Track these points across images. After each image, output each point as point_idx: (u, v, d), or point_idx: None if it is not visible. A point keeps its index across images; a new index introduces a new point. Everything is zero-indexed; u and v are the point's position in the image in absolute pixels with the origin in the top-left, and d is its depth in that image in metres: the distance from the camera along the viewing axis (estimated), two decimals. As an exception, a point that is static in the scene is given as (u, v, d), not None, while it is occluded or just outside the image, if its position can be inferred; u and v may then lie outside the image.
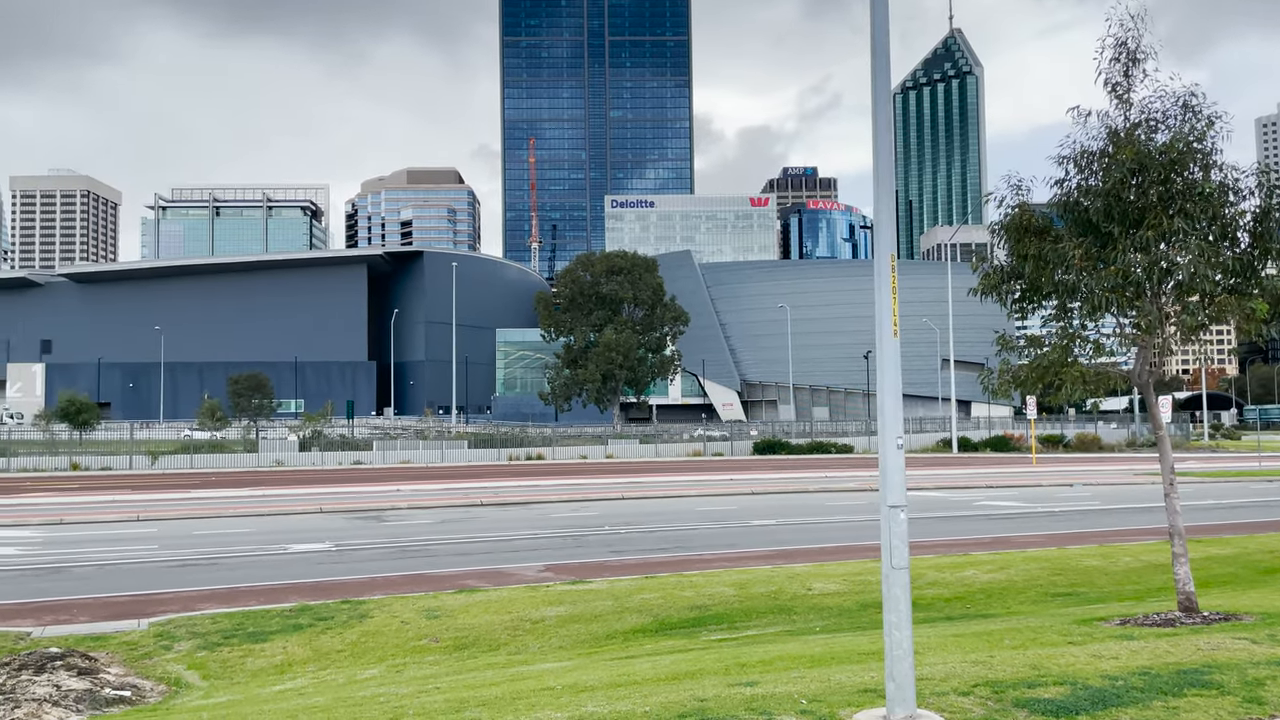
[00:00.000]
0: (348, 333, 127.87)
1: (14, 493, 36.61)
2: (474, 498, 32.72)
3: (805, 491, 35.41)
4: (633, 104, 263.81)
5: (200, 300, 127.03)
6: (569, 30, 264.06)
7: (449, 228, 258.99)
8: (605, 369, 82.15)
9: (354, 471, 50.67)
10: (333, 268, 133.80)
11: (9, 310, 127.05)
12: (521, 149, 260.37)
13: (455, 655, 11.49)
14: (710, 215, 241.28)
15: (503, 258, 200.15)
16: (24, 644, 12.07)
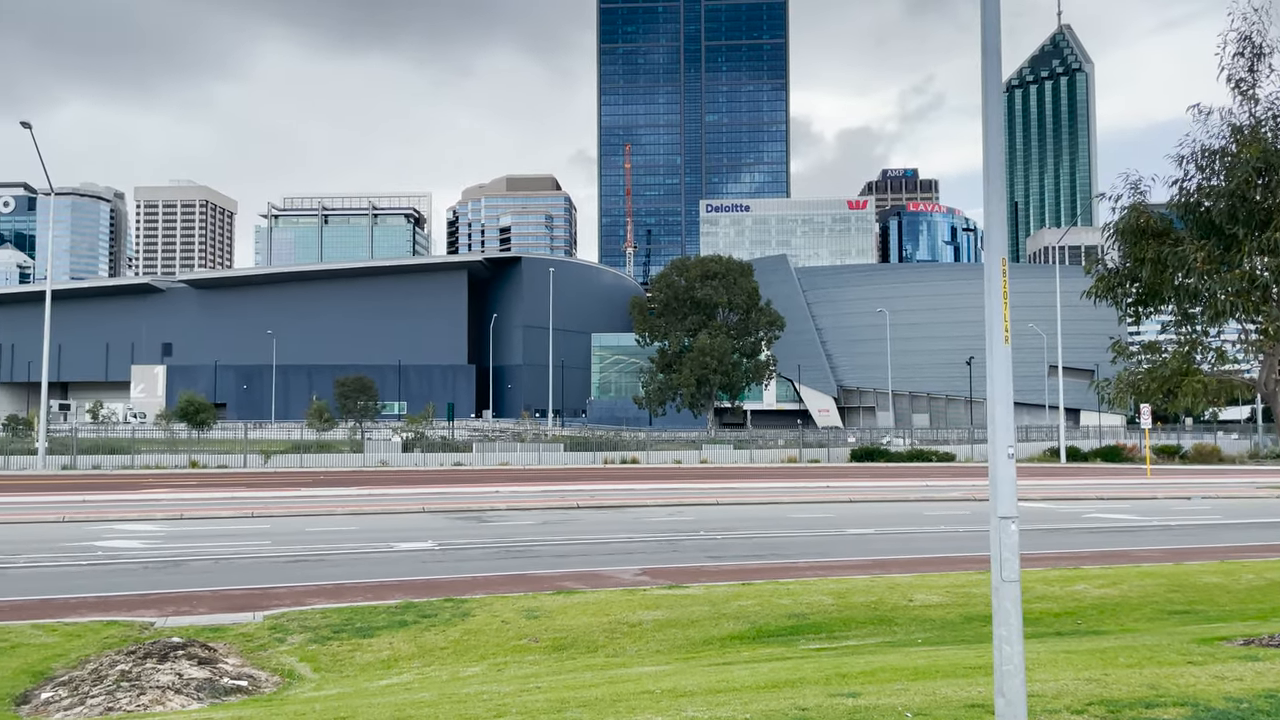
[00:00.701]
0: (448, 337, 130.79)
1: (138, 488, 38.56)
2: (571, 500, 33.06)
3: (905, 500, 34.70)
4: (728, 108, 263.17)
5: (310, 305, 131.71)
6: (666, 36, 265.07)
7: (546, 234, 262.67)
8: (699, 374, 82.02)
9: (454, 473, 51.78)
10: (435, 273, 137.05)
11: (133, 315, 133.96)
12: (618, 155, 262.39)
13: (554, 656, 11.63)
14: (807, 219, 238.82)
15: (598, 263, 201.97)
16: (148, 633, 12.70)
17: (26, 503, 31.37)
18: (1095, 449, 69.25)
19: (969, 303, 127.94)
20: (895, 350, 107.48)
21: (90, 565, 19.27)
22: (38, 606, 14.86)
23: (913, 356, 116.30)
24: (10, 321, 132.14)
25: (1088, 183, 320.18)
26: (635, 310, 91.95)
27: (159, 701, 9.19)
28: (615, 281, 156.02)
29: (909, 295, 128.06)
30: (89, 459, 53.20)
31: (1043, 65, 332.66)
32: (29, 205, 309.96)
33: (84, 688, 9.94)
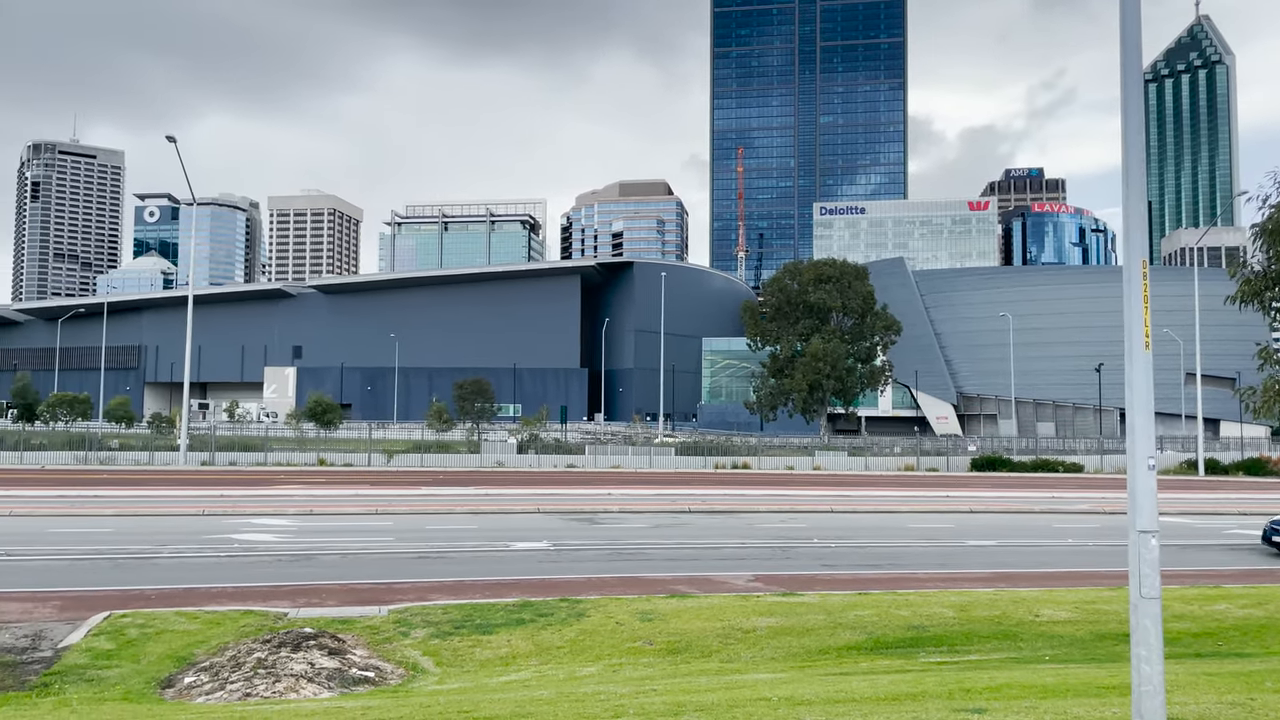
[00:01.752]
0: (562, 341, 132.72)
1: (271, 485, 40.42)
2: (682, 504, 33.08)
3: (1030, 512, 33.46)
4: (844, 109, 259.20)
5: (430, 309, 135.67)
6: (780, 38, 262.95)
7: (658, 238, 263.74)
8: (812, 379, 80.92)
9: (567, 474, 52.47)
10: (549, 278, 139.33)
11: (267, 319, 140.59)
12: (730, 159, 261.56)
13: (668, 659, 11.66)
14: (925, 220, 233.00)
15: (710, 267, 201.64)
16: (282, 623, 13.30)
17: (170, 496, 33.25)
18: (1236, 461, 65.30)
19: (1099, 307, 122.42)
20: (1019, 356, 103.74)
21: (228, 557, 20.31)
22: (182, 595, 15.75)
23: (1037, 363, 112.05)
24: (155, 325, 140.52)
25: (1228, 181, 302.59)
26: (747, 314, 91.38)
27: (293, 689, 9.61)
28: (726, 285, 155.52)
29: (1034, 299, 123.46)
30: (226, 456, 56.03)
31: (1179, 58, 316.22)
32: (172, 215, 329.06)
33: (223, 673, 10.48)
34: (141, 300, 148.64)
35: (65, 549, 20.71)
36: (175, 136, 52.12)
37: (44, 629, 13.30)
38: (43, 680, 10.67)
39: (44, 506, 28.80)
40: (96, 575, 17.69)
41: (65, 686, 10.34)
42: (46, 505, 29.15)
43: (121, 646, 11.93)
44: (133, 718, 7.91)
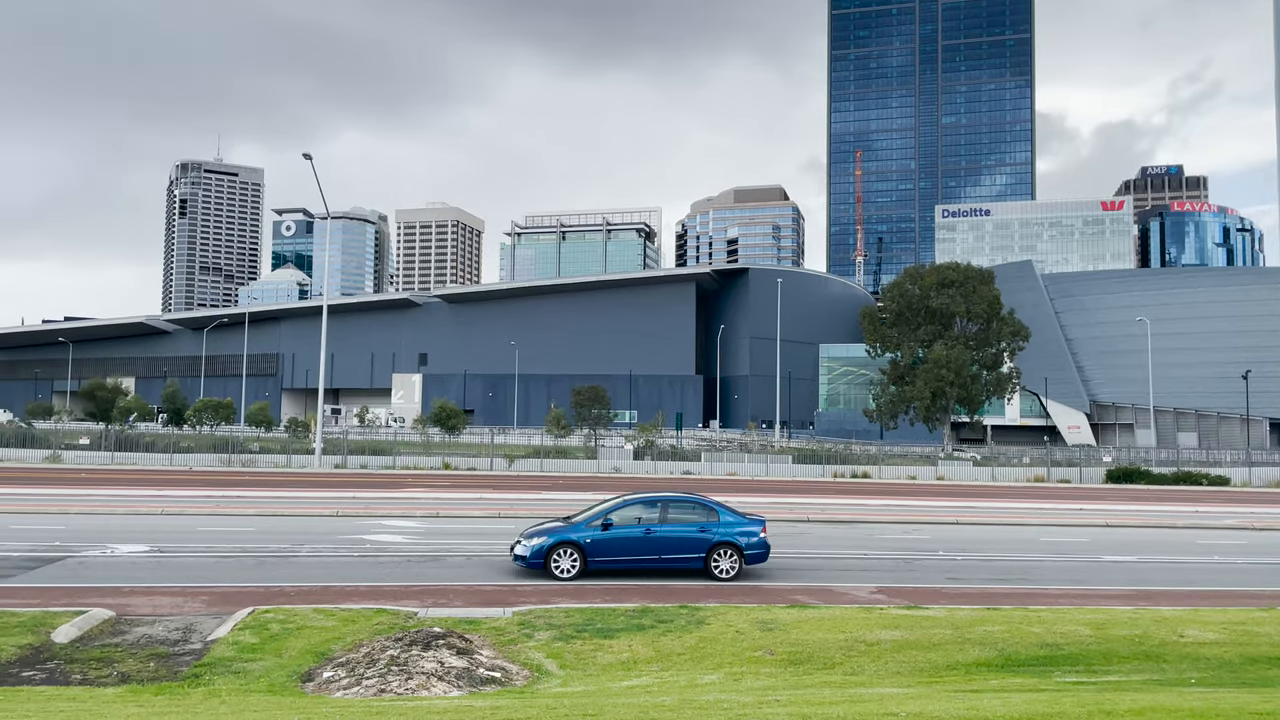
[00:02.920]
0: (677, 348, 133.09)
1: (399, 488, 41.85)
2: (800, 513, 32.69)
3: (1171, 527, 31.75)
4: (967, 109, 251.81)
5: (548, 317, 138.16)
6: (900, 39, 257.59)
7: (773, 244, 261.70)
8: (935, 386, 78.83)
9: (683, 481, 52.53)
10: (664, 286, 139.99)
11: (395, 327, 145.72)
12: (848, 162, 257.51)
13: (790, 669, 11.55)
14: (1054, 222, 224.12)
15: (827, 272, 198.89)
16: (412, 622, 13.77)
17: (307, 498, 34.80)
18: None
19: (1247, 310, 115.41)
20: (1157, 363, 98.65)
21: (361, 557, 21.13)
22: (319, 592, 16.48)
23: (1177, 370, 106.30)
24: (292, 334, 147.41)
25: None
26: (866, 320, 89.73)
27: (424, 687, 9.94)
28: (844, 291, 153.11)
29: (1173, 303, 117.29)
30: (357, 459, 58.33)
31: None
32: (307, 229, 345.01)
33: (359, 669, 10.92)
34: (279, 310, 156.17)
35: (212, 547, 21.93)
36: (311, 154, 54.64)
37: (193, 622, 14.13)
38: (193, 671, 11.33)
39: (192, 506, 30.56)
40: (240, 572, 18.67)
41: (214, 678, 10.95)
42: (194, 505, 30.92)
43: (264, 641, 12.56)
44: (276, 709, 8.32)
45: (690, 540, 18.71)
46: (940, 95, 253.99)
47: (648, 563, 18.53)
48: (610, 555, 18.37)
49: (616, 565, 18.38)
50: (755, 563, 19.12)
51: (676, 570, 18.70)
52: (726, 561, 18.63)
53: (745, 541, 18.81)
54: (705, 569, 18.61)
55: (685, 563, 18.63)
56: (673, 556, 18.57)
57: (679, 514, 19.13)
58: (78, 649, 12.36)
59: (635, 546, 18.49)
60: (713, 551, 18.64)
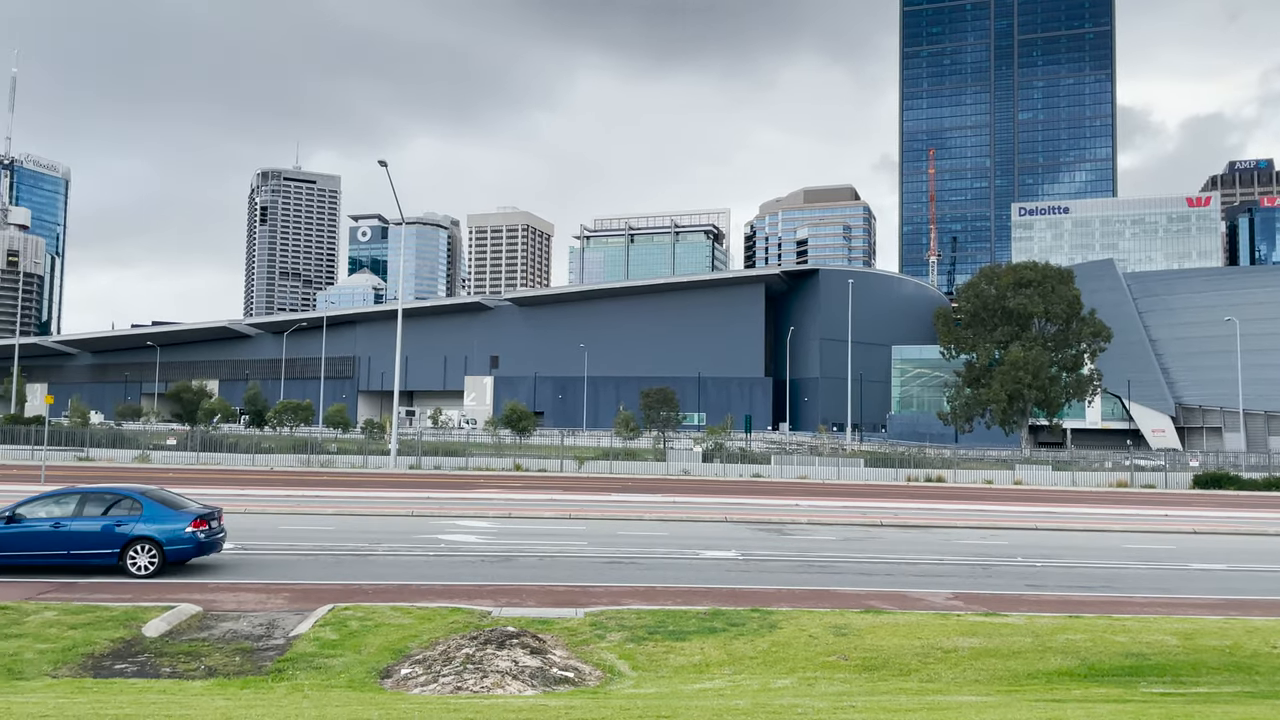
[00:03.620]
0: (746, 350, 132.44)
1: (471, 488, 42.43)
2: (873, 517, 32.27)
3: (1264, 534, 30.53)
4: (1045, 105, 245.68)
5: (617, 320, 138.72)
6: (974, 35, 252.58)
7: (844, 245, 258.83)
8: (1011, 389, 77.03)
9: (753, 484, 52.28)
10: (732, 288, 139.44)
11: (467, 330, 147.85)
12: (921, 161, 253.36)
13: (864, 675, 11.41)
14: (1137, 219, 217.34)
15: (899, 273, 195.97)
16: (486, 621, 13.95)
17: (383, 498, 35.52)
18: None
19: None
20: (1247, 364, 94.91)
21: (436, 556, 21.49)
22: (396, 591, 16.80)
23: (1269, 370, 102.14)
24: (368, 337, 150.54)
25: None
26: (940, 321, 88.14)
27: (499, 685, 10.06)
28: (917, 292, 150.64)
29: (1265, 301, 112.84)
30: (431, 460, 59.32)
31: None
32: (382, 234, 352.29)
33: (435, 667, 11.10)
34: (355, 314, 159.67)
35: (293, 545, 22.52)
36: (386, 161, 55.73)
37: (276, 618, 14.52)
38: (277, 666, 11.64)
39: (273, 505, 31.41)
40: (320, 570, 19.13)
41: (296, 673, 11.24)
42: (275, 504, 31.78)
43: (344, 638, 12.85)
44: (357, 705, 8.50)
45: (101, 535, 18.16)
46: (1016, 91, 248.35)
47: (56, 559, 18.05)
48: (13, 550, 17.97)
49: (21, 561, 18.05)
50: (182, 559, 18.48)
51: (88, 567, 18.22)
52: (144, 558, 18.08)
53: (167, 536, 18.14)
54: (120, 565, 18.09)
55: (96, 559, 18.11)
56: (81, 552, 18.08)
57: (94, 509, 18.57)
58: (167, 643, 12.80)
59: (42, 542, 18.03)
60: (129, 547, 18.12)
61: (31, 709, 7.56)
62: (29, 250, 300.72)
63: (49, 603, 14.77)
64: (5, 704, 8.10)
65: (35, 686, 10.20)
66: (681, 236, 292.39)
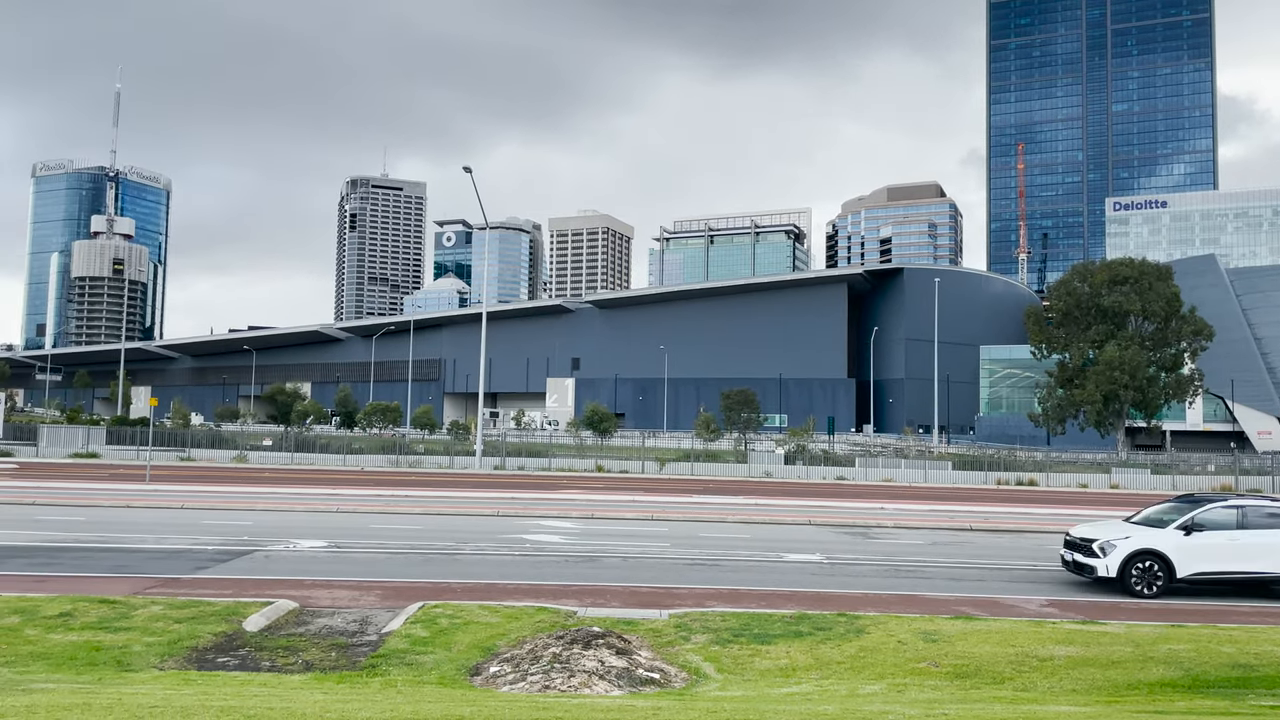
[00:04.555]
0: (828, 350, 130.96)
1: (554, 489, 42.86)
2: (962, 521, 31.57)
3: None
4: (1140, 95, 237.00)
5: (697, 321, 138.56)
6: (1064, 25, 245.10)
7: (929, 243, 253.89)
8: (1107, 389, 74.48)
9: (837, 487, 51.65)
10: (814, 288, 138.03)
11: (549, 333, 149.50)
12: (1009, 155, 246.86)
13: (956, 683, 11.17)
14: (1240, 212, 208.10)
15: (987, 271, 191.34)
16: (572, 621, 14.08)
17: (469, 498, 36.13)
18: None
19: None
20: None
21: (521, 555, 21.77)
22: (483, 589, 17.08)
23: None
24: (453, 340, 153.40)
25: None
26: (1030, 320, 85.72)
27: (586, 685, 10.14)
28: (1006, 290, 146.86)
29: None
30: (515, 461, 60.13)
31: None
32: (466, 239, 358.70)
33: (523, 665, 11.25)
34: (441, 318, 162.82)
35: (384, 544, 23.08)
36: (471, 167, 56.70)
37: (369, 615, 14.90)
38: (370, 662, 11.95)
39: (364, 505, 32.22)
40: (410, 568, 19.56)
41: (389, 668, 11.51)
42: (365, 504, 32.59)
43: (434, 635, 13.11)
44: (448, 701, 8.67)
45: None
46: (1110, 82, 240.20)
47: None
48: None
49: None
50: None
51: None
52: None
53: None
54: None
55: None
56: None
57: None
58: (266, 637, 13.24)
59: None
60: None
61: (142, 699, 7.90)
62: (133, 259, 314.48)
63: (155, 597, 15.41)
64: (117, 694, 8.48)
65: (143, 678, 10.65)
66: (762, 237, 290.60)
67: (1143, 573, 18.07)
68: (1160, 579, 18.05)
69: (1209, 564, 18.07)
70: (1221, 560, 18.06)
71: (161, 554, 20.79)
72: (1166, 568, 18.05)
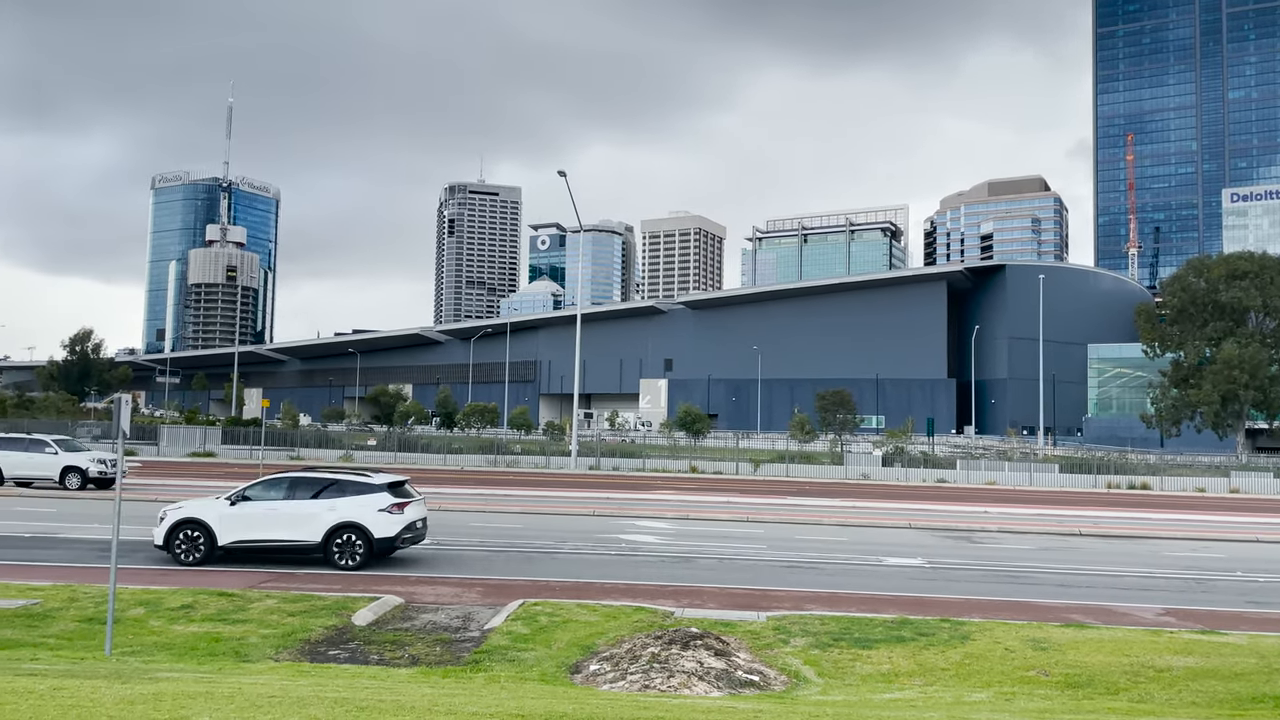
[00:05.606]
0: (926, 350, 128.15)
1: (648, 489, 43.01)
2: (1070, 526, 30.51)
3: None
4: (1259, 81, 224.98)
5: (790, 321, 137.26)
6: (1176, 10, 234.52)
7: (1032, 239, 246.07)
8: (1225, 389, 71.02)
9: (937, 490, 50.49)
10: (911, 286, 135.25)
11: (641, 334, 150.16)
12: (1118, 147, 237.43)
13: (1068, 692, 10.81)
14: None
15: (1095, 266, 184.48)
16: (669, 622, 14.12)
17: (565, 497, 36.55)
18: None
19: None
20: None
21: (617, 555, 21.93)
22: (581, 588, 17.27)
23: None
24: (548, 342, 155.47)
25: None
26: (1142, 318, 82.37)
27: (685, 685, 10.16)
28: (1115, 286, 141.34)
29: None
30: (609, 461, 60.55)
31: None
32: (560, 242, 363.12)
33: (623, 664, 11.33)
34: (536, 320, 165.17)
35: (483, 541, 23.54)
36: (565, 170, 57.34)
37: (471, 612, 15.22)
38: (474, 657, 12.20)
39: (464, 503, 32.91)
40: (509, 566, 19.90)
41: (492, 664, 11.74)
42: (465, 502, 33.28)
43: (535, 632, 13.32)
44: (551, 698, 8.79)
45: None
46: (1226, 69, 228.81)
47: None
48: None
49: None
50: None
51: None
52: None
53: None
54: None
55: None
56: None
57: None
58: (374, 632, 13.65)
59: None
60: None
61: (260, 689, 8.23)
62: (245, 266, 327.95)
63: (269, 591, 16.04)
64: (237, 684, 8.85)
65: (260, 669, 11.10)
66: (857, 235, 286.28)
67: None
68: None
69: None
70: None
71: (274, 549, 21.60)
72: None
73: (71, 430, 64.78)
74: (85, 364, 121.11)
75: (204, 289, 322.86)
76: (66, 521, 25.89)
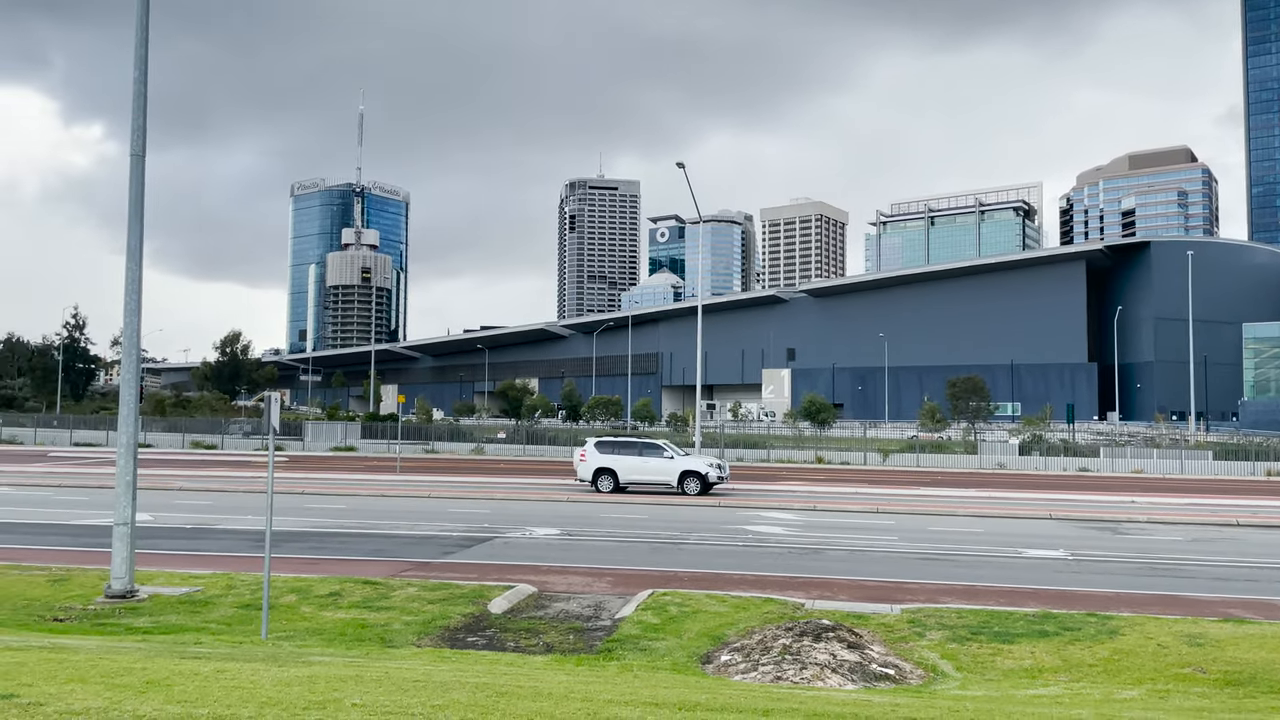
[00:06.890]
0: (1064, 333, 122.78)
1: (774, 480, 42.70)
2: (1227, 516, 28.76)
3: None
4: None
5: (918, 307, 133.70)
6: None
7: (1179, 213, 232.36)
8: (1404, 368, 65.49)
9: (1079, 479, 48.35)
10: (1046, 267, 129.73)
11: (763, 324, 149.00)
12: (1271, 113, 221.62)
13: (1226, 691, 10.20)
14: None
15: (1249, 240, 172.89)
16: (800, 613, 13.99)
17: (690, 488, 36.63)
18: None
19: None
20: None
21: (743, 546, 21.87)
22: (709, 579, 17.30)
23: None
24: (669, 334, 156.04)
25: None
26: (1304, 293, 76.74)
27: (818, 677, 10.06)
28: (1272, 260, 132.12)
29: None
30: (732, 452, 60.39)
31: None
32: (679, 234, 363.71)
33: (754, 655, 11.30)
34: (657, 313, 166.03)
35: (611, 532, 23.85)
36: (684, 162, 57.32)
37: (602, 601, 15.44)
38: (605, 646, 12.38)
39: (592, 495, 33.39)
40: (637, 556, 20.10)
41: (624, 653, 11.89)
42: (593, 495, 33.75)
43: (665, 622, 13.42)
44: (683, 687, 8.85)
45: None
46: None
47: None
48: None
49: None
50: None
51: None
52: None
53: None
54: None
55: None
56: None
57: None
58: (509, 619, 14.02)
59: None
60: None
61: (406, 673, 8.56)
62: (379, 267, 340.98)
63: (410, 579, 16.67)
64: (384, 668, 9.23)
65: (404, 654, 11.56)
66: (987, 215, 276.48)
67: None
68: None
69: None
70: None
71: (413, 540, 22.46)
72: None
73: (224, 427, 68.77)
74: (235, 364, 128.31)
75: (341, 290, 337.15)
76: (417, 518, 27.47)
